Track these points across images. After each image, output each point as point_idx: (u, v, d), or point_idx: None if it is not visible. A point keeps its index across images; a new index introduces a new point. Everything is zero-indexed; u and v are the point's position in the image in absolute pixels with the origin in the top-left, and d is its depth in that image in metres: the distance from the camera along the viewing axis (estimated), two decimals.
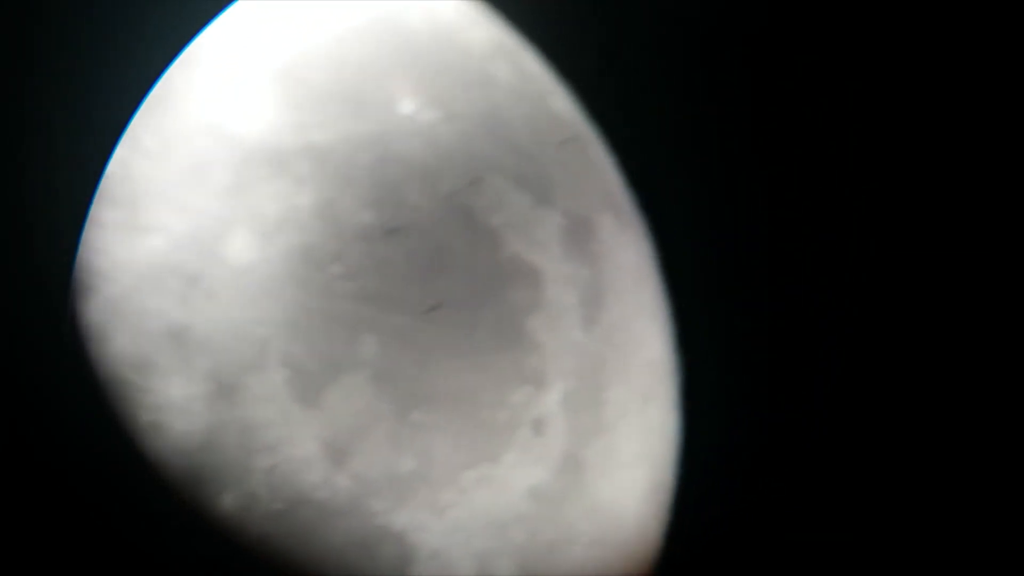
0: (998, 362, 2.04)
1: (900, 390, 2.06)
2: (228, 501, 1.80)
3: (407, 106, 1.88)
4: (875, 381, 2.07)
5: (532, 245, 1.90)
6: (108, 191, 1.87)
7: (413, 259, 1.84)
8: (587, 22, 1.99)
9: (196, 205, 1.85)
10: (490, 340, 1.86)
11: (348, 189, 1.85)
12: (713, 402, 1.99)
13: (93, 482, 1.81)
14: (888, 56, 2.05)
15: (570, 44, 1.95)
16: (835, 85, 2.06)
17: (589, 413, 1.90)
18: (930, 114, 2.05)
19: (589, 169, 1.97)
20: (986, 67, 2.03)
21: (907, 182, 2.06)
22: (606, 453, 1.92)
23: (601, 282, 1.94)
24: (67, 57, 1.86)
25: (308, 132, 1.86)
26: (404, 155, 1.87)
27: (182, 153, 1.85)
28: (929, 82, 2.04)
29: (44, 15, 1.86)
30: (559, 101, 1.96)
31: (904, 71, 2.05)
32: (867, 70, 2.06)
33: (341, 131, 1.86)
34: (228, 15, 1.90)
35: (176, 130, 1.86)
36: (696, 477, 1.96)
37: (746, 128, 2.07)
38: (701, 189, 2.05)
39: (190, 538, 1.80)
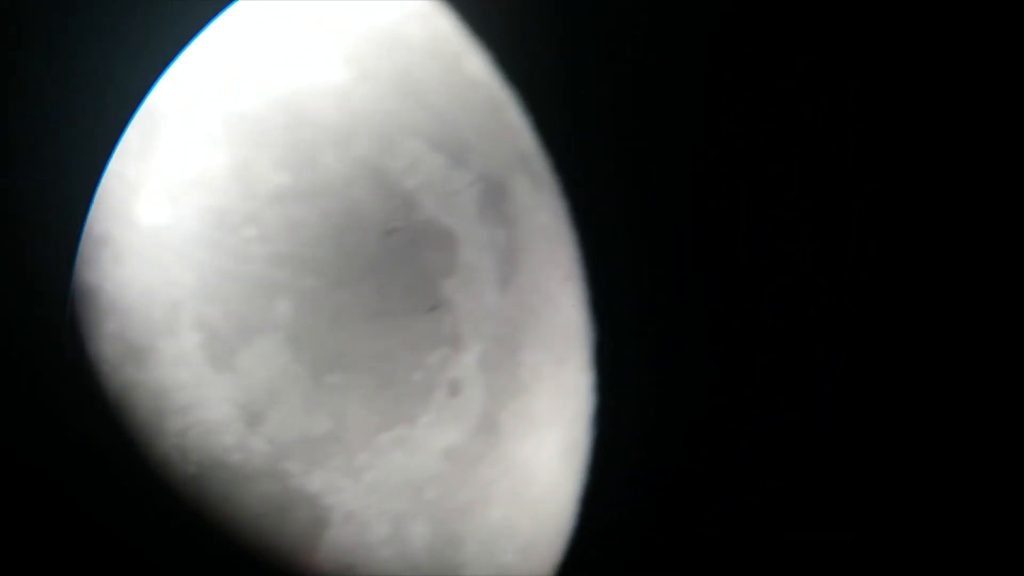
0: (998, 362, 2.04)
1: (899, 389, 2.07)
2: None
3: (320, 67, 1.86)
4: (873, 380, 2.07)
5: (447, 208, 1.89)
6: None
7: (327, 221, 1.83)
8: None
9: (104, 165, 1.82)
10: (405, 302, 1.86)
11: (261, 150, 1.83)
12: (628, 364, 2.01)
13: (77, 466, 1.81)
14: (879, 51, 2.04)
15: (484, 4, 1.94)
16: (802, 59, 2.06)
17: (505, 374, 1.91)
18: (928, 113, 2.05)
19: (504, 131, 1.96)
20: (984, 65, 2.03)
21: (906, 182, 2.06)
22: (522, 414, 1.93)
23: (516, 245, 1.94)
24: (64, 58, 1.83)
25: (220, 93, 1.83)
26: (317, 116, 1.85)
27: None
28: (929, 81, 2.04)
29: (42, 15, 1.83)
30: (474, 62, 1.95)
31: (903, 67, 2.05)
32: (852, 61, 2.06)
33: (254, 92, 1.84)
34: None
35: None
36: (611, 438, 1.98)
37: (664, 90, 2.07)
38: (620, 151, 2.05)
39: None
